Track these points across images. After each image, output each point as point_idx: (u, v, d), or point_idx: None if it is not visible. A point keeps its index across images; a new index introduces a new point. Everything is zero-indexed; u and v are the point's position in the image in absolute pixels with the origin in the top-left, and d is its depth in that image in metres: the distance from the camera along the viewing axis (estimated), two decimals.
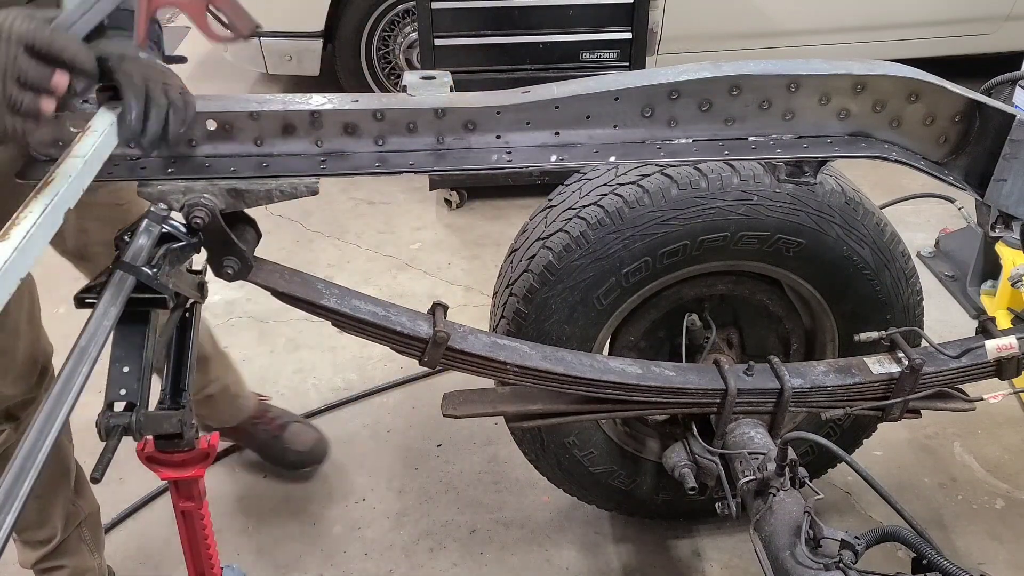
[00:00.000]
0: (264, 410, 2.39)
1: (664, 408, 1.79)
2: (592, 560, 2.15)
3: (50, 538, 1.85)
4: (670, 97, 1.38)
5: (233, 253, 1.37)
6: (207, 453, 1.39)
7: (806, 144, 1.44)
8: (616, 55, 3.41)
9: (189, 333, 1.40)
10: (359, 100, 1.36)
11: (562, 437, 1.93)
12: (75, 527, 1.88)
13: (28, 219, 0.94)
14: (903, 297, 1.85)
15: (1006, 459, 2.42)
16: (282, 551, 2.18)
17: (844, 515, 2.25)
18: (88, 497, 1.93)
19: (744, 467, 1.67)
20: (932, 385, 1.76)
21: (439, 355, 1.56)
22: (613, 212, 1.70)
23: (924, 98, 1.44)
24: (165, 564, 2.14)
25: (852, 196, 1.75)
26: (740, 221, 1.70)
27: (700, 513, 2.14)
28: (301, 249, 3.39)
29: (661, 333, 1.94)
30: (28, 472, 0.87)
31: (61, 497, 1.83)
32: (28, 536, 1.85)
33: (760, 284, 1.89)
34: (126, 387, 1.26)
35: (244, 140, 1.33)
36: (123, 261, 1.16)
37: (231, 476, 2.40)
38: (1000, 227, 1.55)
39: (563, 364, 1.64)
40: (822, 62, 1.41)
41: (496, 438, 2.42)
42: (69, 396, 0.95)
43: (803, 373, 1.76)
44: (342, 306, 1.50)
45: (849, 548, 1.43)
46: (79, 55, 1.02)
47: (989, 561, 2.12)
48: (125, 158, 1.31)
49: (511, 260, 1.86)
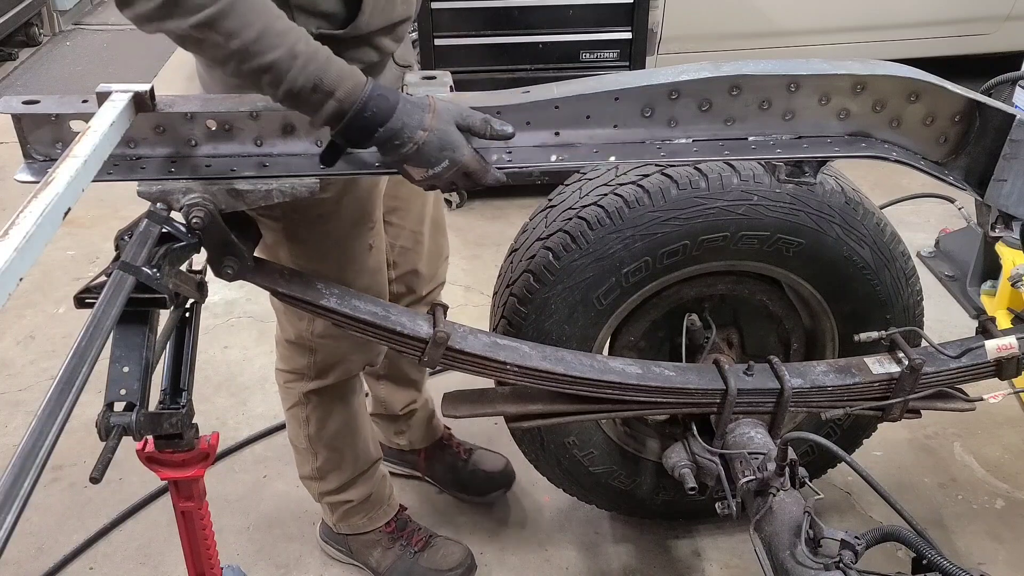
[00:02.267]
0: (450, 435, 2.35)
1: (664, 408, 1.79)
2: (592, 560, 2.15)
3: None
4: (670, 97, 1.38)
5: (233, 253, 1.37)
6: (207, 453, 1.39)
7: (806, 144, 1.44)
8: (616, 55, 3.41)
9: (189, 333, 1.40)
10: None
11: (562, 437, 1.93)
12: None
13: (28, 219, 0.94)
14: (903, 297, 1.85)
15: (1006, 459, 2.42)
16: (282, 551, 2.18)
17: (844, 515, 2.25)
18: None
19: (744, 467, 1.67)
20: (932, 385, 1.76)
21: (439, 355, 1.56)
22: (613, 212, 1.70)
23: (924, 98, 1.44)
24: (165, 564, 2.14)
25: (852, 196, 1.75)
26: (740, 221, 1.70)
27: (700, 513, 2.13)
28: None
29: (661, 333, 1.94)
30: (28, 472, 0.87)
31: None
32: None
33: (760, 284, 1.89)
34: (126, 387, 1.25)
35: (244, 140, 1.33)
36: (123, 261, 1.16)
37: (231, 476, 2.40)
38: (1000, 227, 1.55)
39: (563, 364, 1.65)
40: (822, 62, 1.41)
41: (496, 438, 2.42)
42: (69, 396, 0.95)
43: (803, 373, 1.76)
44: (342, 306, 1.50)
45: (849, 548, 1.43)
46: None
47: (989, 561, 2.12)
48: (125, 158, 1.31)
49: (511, 260, 1.86)
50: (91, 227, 3.45)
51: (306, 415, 1.89)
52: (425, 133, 1.24)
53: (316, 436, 1.91)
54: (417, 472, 2.34)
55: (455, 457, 2.30)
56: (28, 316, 3.06)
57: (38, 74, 5.47)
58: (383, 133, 1.23)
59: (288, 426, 1.98)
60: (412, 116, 1.24)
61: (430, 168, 1.27)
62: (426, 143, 1.24)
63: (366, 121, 1.22)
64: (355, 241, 1.65)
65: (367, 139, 1.24)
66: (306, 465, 1.98)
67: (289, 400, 1.90)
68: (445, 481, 2.31)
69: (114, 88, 1.24)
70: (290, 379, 1.87)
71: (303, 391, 1.85)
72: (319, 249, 1.62)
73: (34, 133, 1.30)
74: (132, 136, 1.29)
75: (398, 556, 2.05)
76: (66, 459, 2.38)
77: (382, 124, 1.22)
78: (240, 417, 2.61)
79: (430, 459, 2.31)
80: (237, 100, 1.34)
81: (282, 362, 1.87)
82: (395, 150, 1.25)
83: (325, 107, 1.20)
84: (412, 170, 1.29)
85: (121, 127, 1.21)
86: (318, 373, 1.82)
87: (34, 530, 2.22)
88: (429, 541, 2.09)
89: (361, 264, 1.68)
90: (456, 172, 1.29)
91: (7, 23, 5.35)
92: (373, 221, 1.67)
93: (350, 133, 1.23)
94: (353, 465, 1.97)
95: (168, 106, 1.30)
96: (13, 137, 1.30)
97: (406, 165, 1.28)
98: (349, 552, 2.10)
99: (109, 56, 5.72)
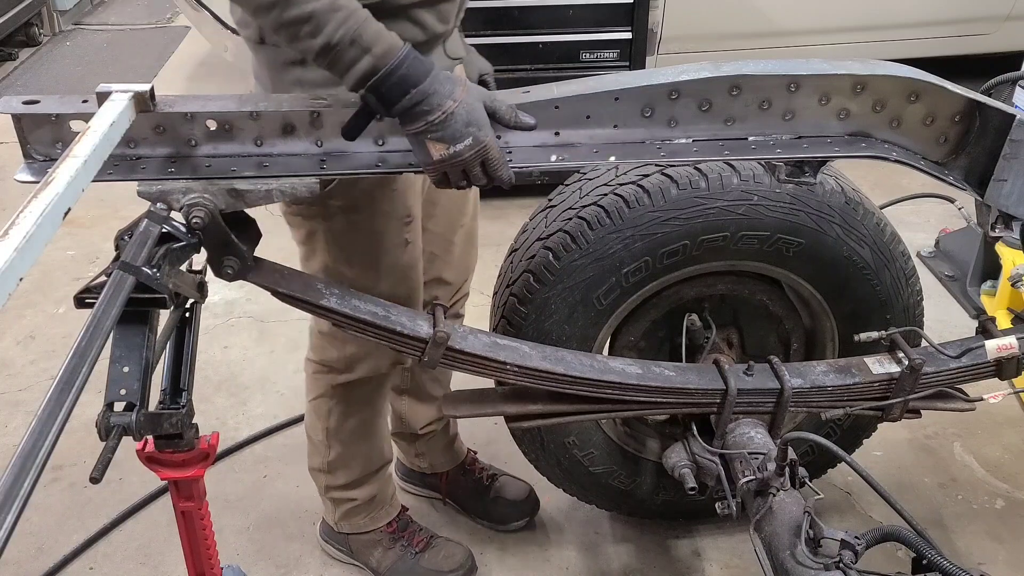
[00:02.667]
0: (474, 460, 2.29)
1: (664, 408, 1.79)
2: (592, 560, 2.15)
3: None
4: (670, 97, 1.38)
5: (233, 253, 1.37)
6: (207, 453, 1.39)
7: (806, 144, 1.44)
8: (616, 55, 3.41)
9: (189, 333, 1.40)
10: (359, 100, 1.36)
11: (562, 437, 1.93)
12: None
13: (28, 219, 0.94)
14: (903, 297, 1.85)
15: (1006, 459, 2.42)
16: (282, 551, 2.18)
17: (844, 515, 2.25)
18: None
19: (744, 467, 1.67)
20: (932, 385, 1.76)
21: (439, 355, 1.56)
22: (613, 212, 1.70)
23: (924, 98, 1.44)
24: (165, 564, 2.14)
25: (852, 196, 1.75)
26: (740, 221, 1.70)
27: (700, 513, 2.13)
28: None
29: (661, 333, 1.94)
30: (28, 472, 0.87)
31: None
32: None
33: (760, 284, 1.89)
34: (126, 387, 1.25)
35: (244, 140, 1.33)
36: (123, 261, 1.16)
37: (231, 476, 2.40)
38: (1000, 227, 1.55)
39: (563, 364, 1.64)
40: (822, 62, 1.41)
41: (496, 438, 2.42)
42: (69, 396, 0.95)
43: (803, 373, 1.76)
44: (342, 306, 1.50)
45: (849, 548, 1.43)
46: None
47: (989, 561, 2.12)
48: (125, 158, 1.31)
49: (511, 260, 1.86)
50: (91, 227, 3.45)
51: (329, 408, 1.88)
52: (455, 103, 1.23)
53: (334, 430, 1.91)
54: (439, 495, 2.30)
55: (477, 483, 2.24)
56: (28, 316, 3.06)
57: (38, 74, 5.47)
58: (414, 96, 1.21)
59: (307, 416, 1.97)
60: (444, 85, 1.23)
61: (452, 144, 1.25)
62: (454, 114, 1.23)
63: (399, 80, 1.21)
64: (389, 235, 1.64)
65: (397, 99, 1.22)
66: (317, 457, 1.98)
67: (315, 391, 1.90)
68: (467, 507, 2.27)
69: (114, 88, 1.24)
70: (319, 370, 1.86)
71: (331, 383, 1.85)
72: (353, 242, 1.62)
73: (34, 133, 1.30)
74: (132, 136, 1.29)
75: (399, 556, 2.05)
76: (66, 459, 2.38)
77: (415, 86, 1.21)
78: (240, 417, 2.61)
79: (452, 483, 2.26)
80: (237, 100, 1.34)
81: (313, 352, 1.87)
82: (422, 117, 1.23)
83: (359, 63, 1.20)
84: (433, 146, 1.26)
85: (121, 127, 1.20)
86: (347, 366, 1.81)
87: (34, 530, 2.22)
88: (430, 542, 2.09)
89: (395, 259, 1.67)
90: (476, 155, 1.27)
91: (7, 23, 5.35)
92: (410, 216, 1.66)
93: (381, 90, 1.22)
94: (364, 464, 1.97)
95: (168, 106, 1.30)
96: (13, 137, 1.30)
97: (428, 138, 1.26)
98: (349, 552, 2.09)
99: (109, 56, 5.72)
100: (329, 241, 1.63)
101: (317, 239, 1.64)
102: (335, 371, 1.83)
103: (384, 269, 1.66)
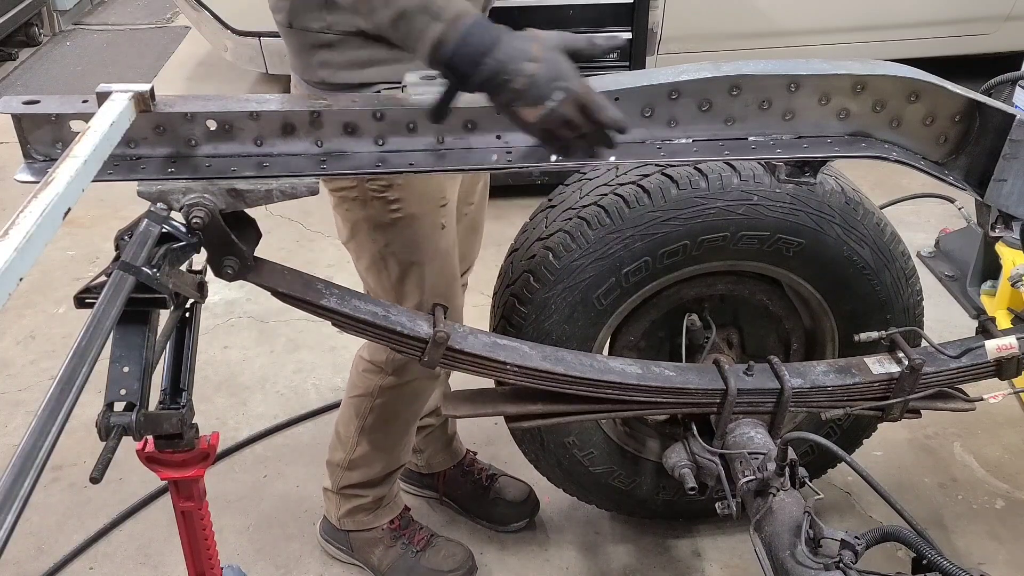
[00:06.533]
0: (473, 459, 2.28)
1: (664, 408, 1.79)
2: (592, 560, 2.15)
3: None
4: (670, 97, 1.38)
5: (233, 253, 1.37)
6: (207, 453, 1.39)
7: (806, 144, 1.44)
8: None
9: (189, 333, 1.40)
10: (358, 100, 1.36)
11: (562, 437, 1.93)
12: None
13: (28, 219, 0.94)
14: (903, 297, 1.85)
15: (1006, 459, 2.42)
16: (282, 551, 2.18)
17: (844, 515, 2.25)
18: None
19: (744, 467, 1.67)
20: (932, 385, 1.76)
21: (439, 355, 1.56)
22: (613, 212, 1.70)
23: (924, 98, 1.44)
24: (165, 564, 2.14)
25: (852, 196, 1.75)
26: (740, 221, 1.70)
27: (700, 513, 2.13)
28: (301, 249, 3.39)
29: (661, 333, 1.94)
30: (28, 472, 0.87)
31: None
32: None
33: (760, 284, 1.89)
34: (126, 387, 1.25)
35: (244, 140, 1.33)
36: (123, 261, 1.16)
37: (231, 476, 2.40)
38: (1000, 227, 1.54)
39: (563, 364, 1.64)
40: (822, 62, 1.41)
41: (496, 438, 2.42)
42: (69, 396, 0.95)
43: (803, 373, 1.76)
44: (342, 306, 1.50)
45: (849, 548, 1.43)
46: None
47: (989, 561, 2.12)
48: (125, 158, 1.31)
49: (511, 260, 1.86)
50: (91, 227, 3.45)
51: (369, 407, 1.88)
52: (535, 64, 1.17)
53: (368, 429, 1.91)
54: (436, 495, 2.30)
55: (477, 484, 2.23)
56: (28, 316, 3.06)
57: (38, 74, 5.47)
58: (489, 65, 1.17)
59: (343, 410, 1.96)
60: (516, 47, 1.19)
61: (544, 103, 1.19)
62: (537, 75, 1.17)
63: (471, 49, 1.17)
64: (426, 218, 1.64)
65: (473, 70, 1.17)
66: (340, 452, 1.97)
67: (359, 388, 1.89)
68: (467, 507, 2.26)
69: (114, 88, 1.24)
70: (369, 368, 1.86)
71: (378, 384, 1.85)
72: (393, 225, 1.62)
73: (34, 133, 1.30)
74: (132, 136, 1.29)
75: (399, 555, 2.05)
76: (66, 459, 2.38)
77: (487, 52, 1.17)
78: (240, 417, 2.61)
79: (450, 484, 2.26)
80: (237, 100, 1.34)
81: (366, 350, 1.87)
82: (504, 86, 1.18)
83: (430, 31, 1.17)
84: (525, 111, 1.20)
85: (121, 127, 1.20)
86: (396, 370, 1.82)
87: (34, 530, 2.22)
88: (431, 541, 2.09)
89: (435, 244, 1.67)
90: (571, 105, 1.20)
91: (7, 23, 5.35)
92: (445, 199, 1.65)
93: (455, 62, 1.18)
94: (384, 466, 1.97)
95: (168, 106, 1.30)
96: (13, 137, 1.30)
97: (518, 106, 1.20)
98: (350, 550, 2.09)
99: (109, 56, 5.72)
100: (371, 228, 1.63)
101: (360, 229, 1.64)
102: (384, 372, 1.83)
103: (427, 254, 1.66)
